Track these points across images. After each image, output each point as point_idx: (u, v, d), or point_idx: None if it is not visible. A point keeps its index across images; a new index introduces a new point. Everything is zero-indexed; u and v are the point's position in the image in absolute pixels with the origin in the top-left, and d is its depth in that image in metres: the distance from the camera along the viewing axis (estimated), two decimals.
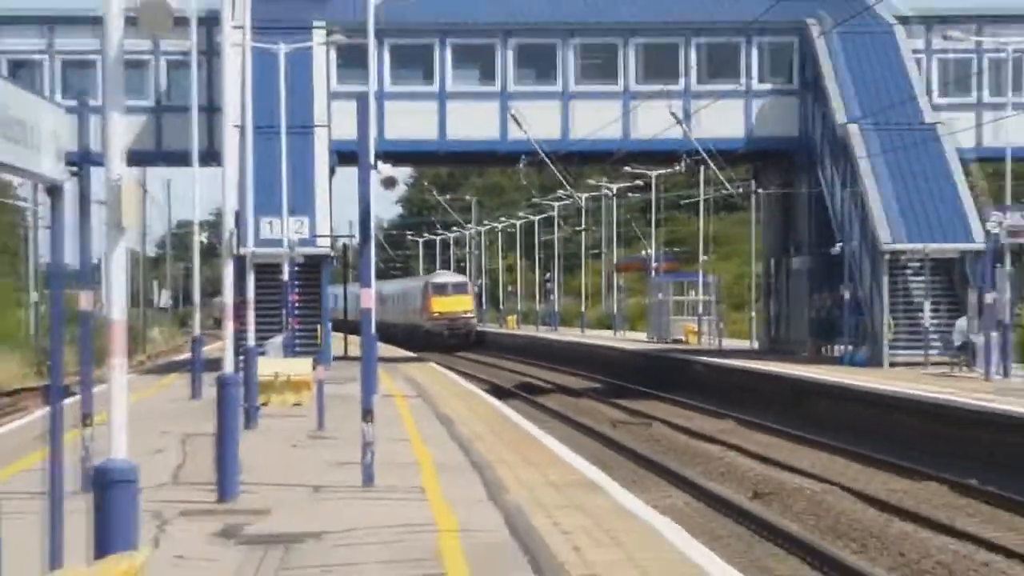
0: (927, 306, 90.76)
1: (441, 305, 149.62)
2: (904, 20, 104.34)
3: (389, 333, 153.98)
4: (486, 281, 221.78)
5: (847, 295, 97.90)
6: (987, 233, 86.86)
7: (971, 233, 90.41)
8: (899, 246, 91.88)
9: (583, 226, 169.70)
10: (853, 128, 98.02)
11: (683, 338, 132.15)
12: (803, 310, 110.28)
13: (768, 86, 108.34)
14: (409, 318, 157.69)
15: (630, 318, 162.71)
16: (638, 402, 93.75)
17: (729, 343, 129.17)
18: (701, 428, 76.84)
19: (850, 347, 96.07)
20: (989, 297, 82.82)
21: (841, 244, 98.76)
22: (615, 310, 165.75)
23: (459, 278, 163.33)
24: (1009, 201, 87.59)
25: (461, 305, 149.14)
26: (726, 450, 66.28)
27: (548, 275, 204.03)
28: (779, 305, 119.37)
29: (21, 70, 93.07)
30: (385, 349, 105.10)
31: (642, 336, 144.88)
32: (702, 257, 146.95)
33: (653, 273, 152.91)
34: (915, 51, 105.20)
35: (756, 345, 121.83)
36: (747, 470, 58.74)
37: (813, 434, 71.16)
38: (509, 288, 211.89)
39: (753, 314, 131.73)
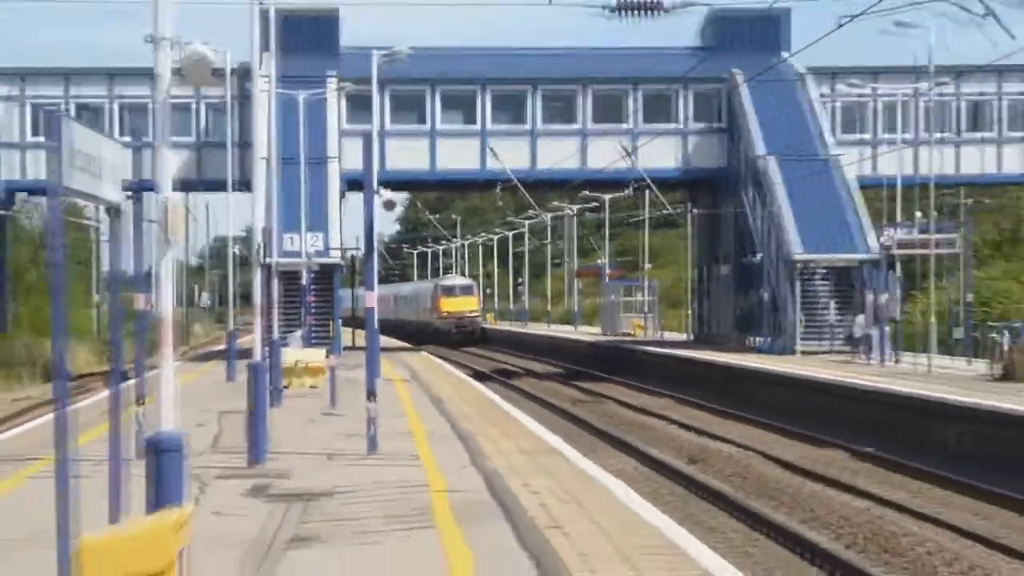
0: (832, 305, 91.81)
1: (449, 305, 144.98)
2: (810, 71, 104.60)
3: (404, 330, 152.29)
4: None
5: (765, 296, 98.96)
6: (880, 245, 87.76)
7: (866, 245, 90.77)
8: (807, 256, 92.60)
9: (548, 240, 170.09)
10: (768, 160, 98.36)
11: (630, 332, 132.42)
12: (728, 308, 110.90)
13: (699, 126, 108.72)
14: (421, 316, 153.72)
15: (587, 315, 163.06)
16: (594, 384, 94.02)
17: (667, 335, 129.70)
18: (645, 405, 76.96)
19: (768, 339, 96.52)
20: (881, 298, 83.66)
21: (759, 255, 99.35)
22: (575, 309, 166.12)
23: (466, 281, 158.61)
24: (899, 219, 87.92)
25: (468, 305, 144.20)
26: (666, 423, 66.49)
27: (520, 280, 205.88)
28: (708, 304, 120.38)
29: (87, 113, 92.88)
30: (387, 341, 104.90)
31: (596, 330, 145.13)
32: (645, 265, 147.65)
33: (605, 279, 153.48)
34: (823, 95, 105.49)
35: (690, 337, 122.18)
36: (684, 440, 58.91)
37: (738, 410, 71.44)
38: (488, 291, 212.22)
39: (688, 312, 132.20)
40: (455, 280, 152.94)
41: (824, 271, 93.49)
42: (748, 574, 20.98)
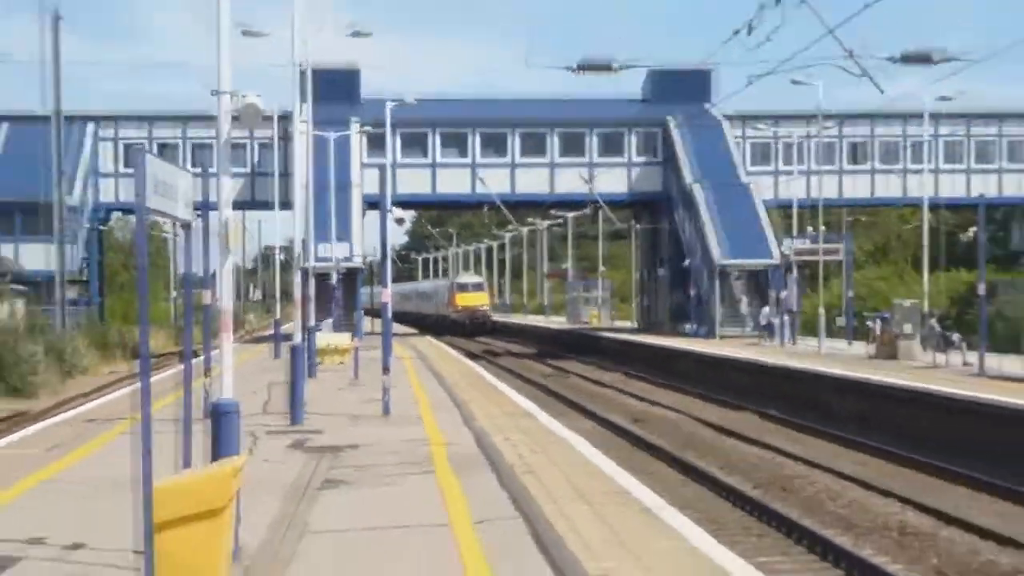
0: (745, 300, 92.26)
1: (464, 300, 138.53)
2: (727, 117, 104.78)
3: (425, 321, 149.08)
4: None
5: (693, 293, 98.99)
6: (782, 253, 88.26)
7: (772, 253, 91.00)
8: (726, 261, 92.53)
9: (523, 249, 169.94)
10: (695, 186, 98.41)
11: (589, 321, 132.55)
12: (665, 302, 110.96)
13: (642, 159, 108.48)
14: (439, 310, 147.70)
15: (555, 308, 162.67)
16: (561, 362, 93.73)
17: (618, 324, 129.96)
18: (600, 379, 76.69)
19: (695, 326, 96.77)
20: (783, 294, 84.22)
21: (689, 260, 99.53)
22: (545, 303, 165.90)
23: (478, 279, 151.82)
24: (796, 233, 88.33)
25: (480, 300, 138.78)
26: (616, 392, 66.32)
27: (502, 280, 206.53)
28: (650, 299, 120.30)
29: (165, 150, 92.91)
30: (399, 327, 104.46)
31: (563, 319, 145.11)
32: (600, 268, 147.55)
33: (569, 279, 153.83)
34: (737, 136, 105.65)
35: (635, 325, 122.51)
36: (630, 405, 58.83)
37: (671, 381, 71.14)
38: None
39: (634, 305, 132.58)
40: (469, 278, 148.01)
41: (739, 273, 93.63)
42: (677, 507, 21.09)
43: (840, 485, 34.15)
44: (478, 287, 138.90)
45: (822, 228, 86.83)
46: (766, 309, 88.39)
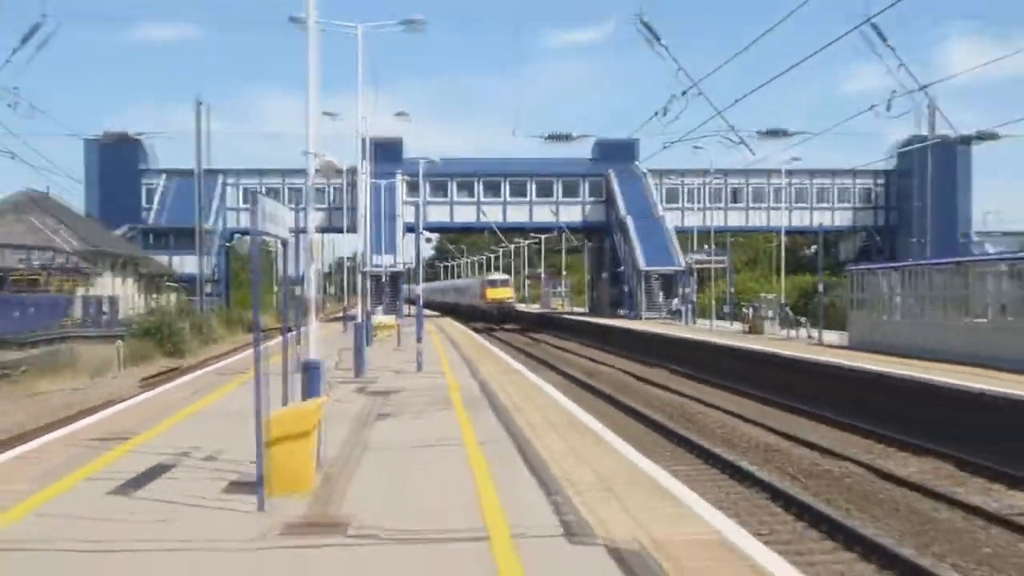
0: (660, 294, 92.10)
1: (493, 293, 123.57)
2: (649, 171, 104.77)
3: (460, 311, 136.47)
4: None
5: (625, 288, 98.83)
6: (685, 263, 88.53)
7: (679, 262, 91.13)
8: (648, 268, 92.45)
9: (511, 259, 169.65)
10: (627, 218, 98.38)
11: (556, 307, 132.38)
12: (607, 295, 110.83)
13: (591, 199, 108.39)
14: (472, 301, 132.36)
15: (532, 299, 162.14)
16: (536, 335, 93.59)
17: (576, 309, 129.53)
18: (564, 346, 76.33)
19: (628, 311, 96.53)
20: (687, 290, 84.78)
21: (623, 267, 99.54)
22: (525, 295, 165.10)
23: (504, 276, 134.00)
24: (695, 249, 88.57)
25: (506, 293, 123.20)
26: (576, 356, 65.96)
27: None
28: (596, 293, 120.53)
29: (270, 192, 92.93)
30: (429, 313, 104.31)
31: (538, 306, 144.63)
32: (563, 272, 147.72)
33: (542, 279, 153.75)
34: (656, 183, 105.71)
35: (587, 310, 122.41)
36: (583, 364, 58.39)
37: (610, 348, 70.75)
38: None
39: (586, 297, 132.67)
40: (497, 276, 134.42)
41: (656, 276, 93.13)
42: (614, 432, 21.07)
43: (727, 418, 34.29)
44: (504, 283, 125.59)
45: (713, 247, 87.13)
46: (675, 300, 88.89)
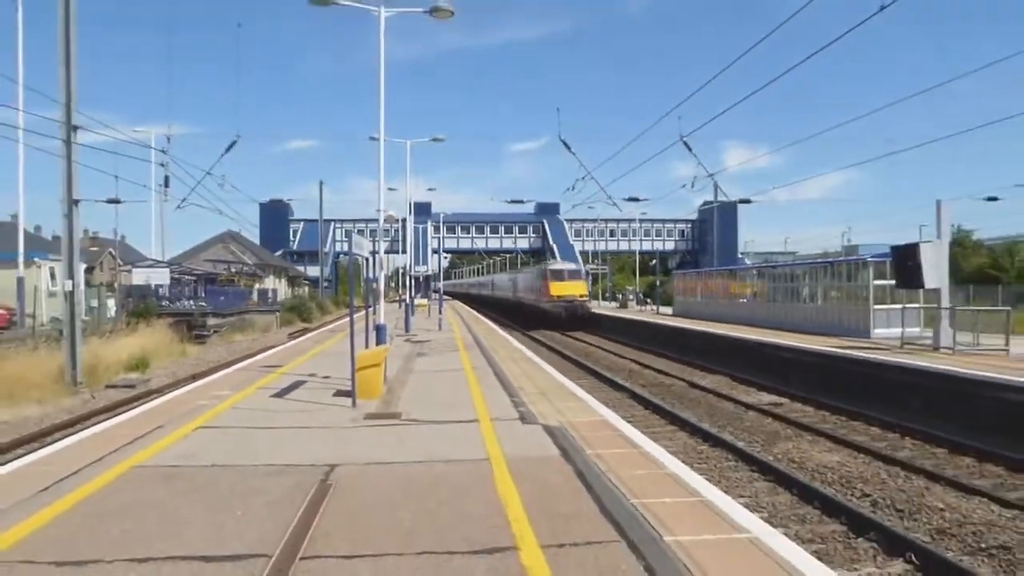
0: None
1: (559, 289, 55.12)
2: (567, 219, 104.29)
3: (507, 310, 75.89)
4: None
5: None
6: (587, 271, 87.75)
7: (583, 270, 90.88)
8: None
9: (492, 271, 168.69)
10: (554, 245, 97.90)
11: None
12: None
13: (534, 235, 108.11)
14: (529, 298, 64.83)
15: None
16: (496, 313, 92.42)
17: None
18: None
19: None
20: (632, 290, 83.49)
21: None
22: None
23: (574, 267, 58.21)
24: (591, 262, 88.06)
25: (577, 290, 53.46)
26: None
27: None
28: None
29: (359, 231, 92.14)
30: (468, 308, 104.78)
31: None
32: None
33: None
34: (573, 226, 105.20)
35: None
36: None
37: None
38: None
39: None
40: (564, 265, 60.67)
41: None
42: (546, 362, 20.95)
43: (609, 355, 33.20)
44: (575, 275, 55.92)
45: (600, 261, 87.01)
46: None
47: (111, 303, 41.58)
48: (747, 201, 55.67)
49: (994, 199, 52.48)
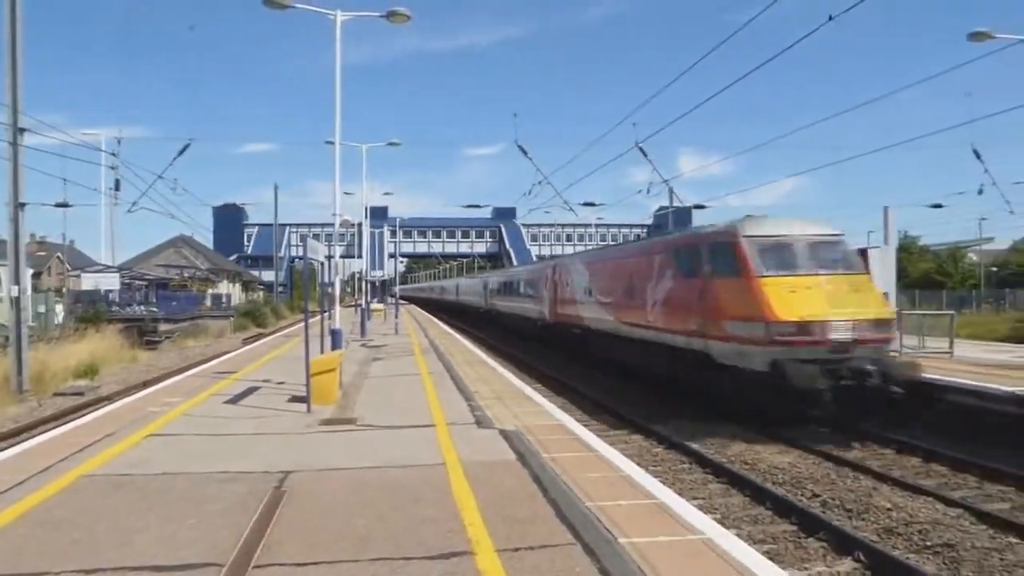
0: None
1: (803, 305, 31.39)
2: (524, 225, 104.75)
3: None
4: None
5: None
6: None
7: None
8: None
9: (449, 276, 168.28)
10: (511, 249, 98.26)
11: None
12: None
13: (491, 239, 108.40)
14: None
15: None
16: (454, 319, 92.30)
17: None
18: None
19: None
20: None
21: None
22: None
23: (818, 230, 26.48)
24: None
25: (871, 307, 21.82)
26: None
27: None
28: None
29: (313, 237, 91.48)
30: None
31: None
32: None
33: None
34: (531, 231, 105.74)
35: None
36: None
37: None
38: None
39: None
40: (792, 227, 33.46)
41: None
42: (500, 366, 21.01)
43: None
44: (838, 259, 14.91)
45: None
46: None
47: (59, 309, 40.68)
48: (702, 207, 56.40)
49: (938, 206, 53.75)
